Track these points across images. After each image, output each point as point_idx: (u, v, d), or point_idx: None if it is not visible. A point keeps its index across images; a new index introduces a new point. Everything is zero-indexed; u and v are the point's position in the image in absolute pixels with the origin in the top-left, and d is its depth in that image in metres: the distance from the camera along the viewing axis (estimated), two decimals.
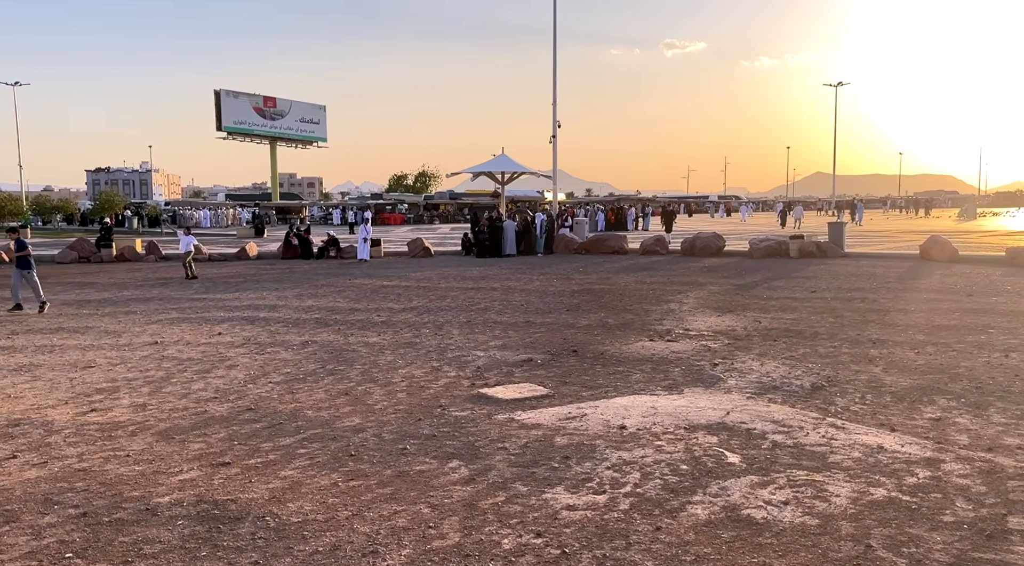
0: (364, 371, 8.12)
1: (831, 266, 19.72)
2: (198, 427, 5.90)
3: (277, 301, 14.33)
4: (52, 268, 22.50)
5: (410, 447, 5.41)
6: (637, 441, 5.59)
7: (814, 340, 9.74)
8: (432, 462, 5.09)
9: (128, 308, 13.38)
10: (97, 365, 8.40)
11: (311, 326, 11.29)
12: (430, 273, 19.61)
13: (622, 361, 8.62)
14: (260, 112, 73.23)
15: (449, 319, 11.86)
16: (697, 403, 6.73)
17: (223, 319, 12.00)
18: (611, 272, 19.27)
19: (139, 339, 10.11)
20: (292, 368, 8.29)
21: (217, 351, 9.25)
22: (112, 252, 25.29)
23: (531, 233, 26.50)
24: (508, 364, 8.50)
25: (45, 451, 5.24)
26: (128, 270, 21.59)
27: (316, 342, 9.90)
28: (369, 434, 5.73)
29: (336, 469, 4.90)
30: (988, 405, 6.56)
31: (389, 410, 6.47)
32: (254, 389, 7.26)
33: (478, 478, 4.77)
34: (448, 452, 5.29)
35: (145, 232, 46.22)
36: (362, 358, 8.83)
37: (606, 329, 10.81)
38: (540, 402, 6.77)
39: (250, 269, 21.59)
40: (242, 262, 24.48)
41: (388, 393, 7.11)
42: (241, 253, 25.74)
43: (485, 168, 42.80)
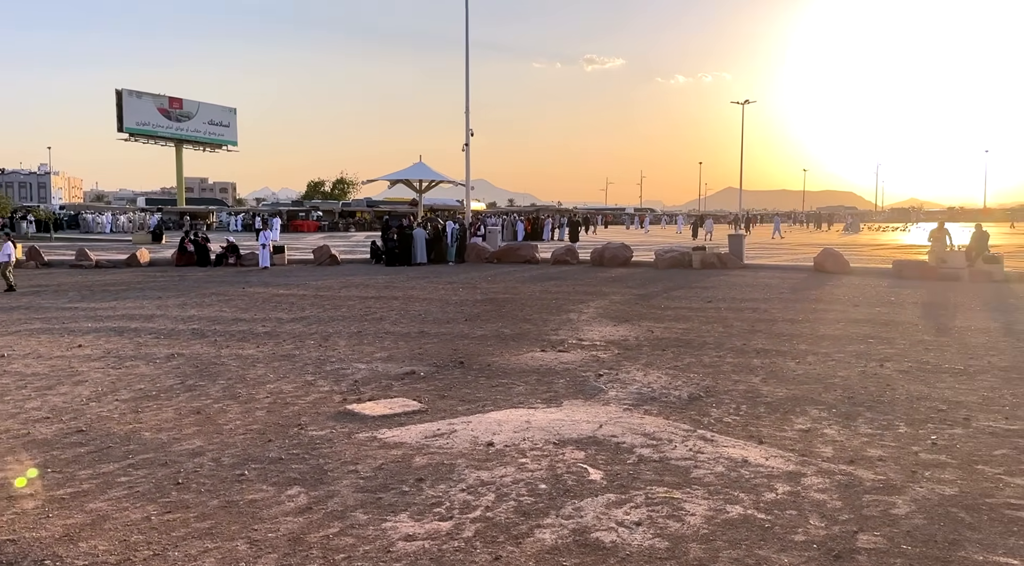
0: (227, 387, 7.56)
1: (730, 277, 20.15)
2: (12, 452, 5.26)
3: (156, 310, 13.46)
4: None
5: (249, 472, 4.95)
6: (501, 459, 5.31)
7: (701, 350, 9.75)
8: (269, 489, 4.65)
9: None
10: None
11: (185, 337, 10.57)
12: (332, 281, 18.95)
13: (508, 373, 8.36)
14: (165, 113, 70.11)
15: (339, 330, 11.35)
16: (573, 416, 6.52)
17: (89, 330, 11.11)
18: (518, 281, 19.10)
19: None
20: (147, 384, 7.64)
21: (69, 365, 8.48)
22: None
23: (442, 242, 26.12)
24: (389, 377, 8.10)
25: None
26: None
27: (184, 355, 9.23)
28: (207, 458, 5.23)
29: (155, 500, 4.40)
30: (857, 416, 6.61)
31: (240, 430, 5.97)
32: (95, 408, 6.61)
33: (316, 507, 4.37)
34: (290, 478, 4.87)
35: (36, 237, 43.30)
36: (229, 372, 8.25)
37: (500, 339, 10.55)
38: (410, 418, 6.41)
39: (137, 276, 20.36)
40: (131, 269, 23.10)
41: (246, 411, 6.60)
42: (131, 259, 24.31)
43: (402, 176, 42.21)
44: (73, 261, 24.15)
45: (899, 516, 4.32)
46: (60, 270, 22.57)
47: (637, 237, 49.64)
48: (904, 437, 5.95)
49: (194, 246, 24.78)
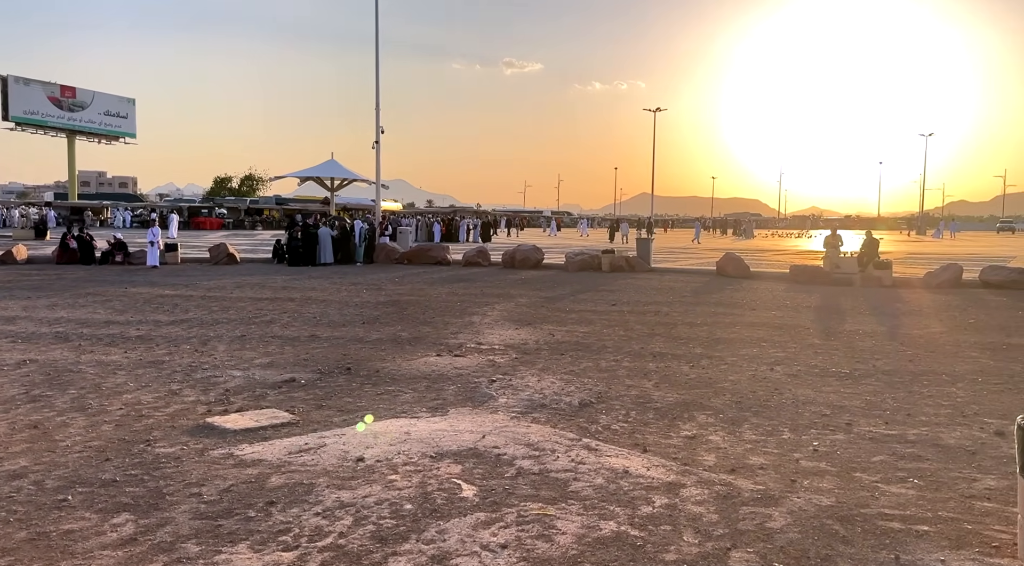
0: (77, 397, 6.83)
1: (637, 280, 20.32)
2: None
3: (21, 312, 12.32)
4: None
5: (74, 498, 4.36)
6: (368, 476, 4.90)
7: (599, 354, 9.59)
8: (92, 517, 4.09)
9: None
10: None
11: (45, 342, 9.65)
12: (226, 282, 17.98)
13: (397, 379, 7.94)
14: (56, 102, 65.90)
15: (221, 333, 10.63)
16: (457, 426, 6.17)
17: None
18: (426, 283, 18.65)
19: None
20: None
21: None
22: None
23: (350, 241, 25.35)
24: (265, 385, 7.54)
25: None
26: None
27: (37, 361, 8.37)
28: (28, 481, 4.60)
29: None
30: (743, 421, 6.54)
31: (77, 447, 5.33)
32: None
33: (142, 537, 3.85)
34: (121, 503, 4.31)
35: None
36: (84, 381, 7.49)
37: (396, 343, 10.11)
38: (276, 432, 5.91)
39: (10, 275, 18.77)
40: (4, 267, 21.32)
41: (91, 425, 5.94)
42: (6, 256, 22.46)
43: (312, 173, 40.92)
44: None
45: (774, 530, 4.17)
46: None
47: (550, 240, 49.96)
48: (787, 444, 5.89)
49: (77, 242, 23.13)
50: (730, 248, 31.40)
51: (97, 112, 69.16)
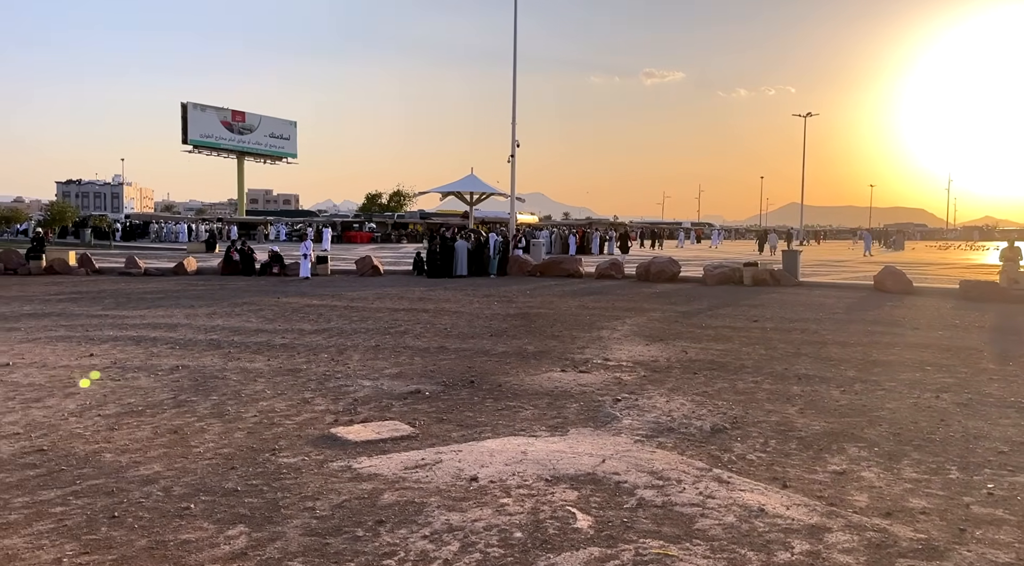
0: (218, 403, 7.18)
1: (782, 294, 19.10)
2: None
3: (184, 319, 13.33)
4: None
5: (196, 506, 4.49)
6: (480, 498, 4.72)
7: (736, 374, 8.96)
8: (209, 528, 4.17)
9: (13, 324, 12.31)
10: None
11: (199, 348, 10.32)
12: (368, 293, 18.69)
13: (519, 394, 7.77)
14: (228, 126, 72.13)
15: (357, 343, 10.95)
16: (576, 447, 5.89)
17: (108, 339, 10.99)
18: (557, 296, 18.49)
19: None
20: (138, 398, 7.33)
21: (68, 376, 8.26)
22: (41, 264, 24.06)
23: (484, 253, 25.70)
24: (391, 396, 7.61)
25: None
26: (49, 283, 20.42)
27: (189, 367, 8.94)
28: (158, 487, 4.80)
29: (79, 537, 3.97)
30: (902, 456, 5.79)
31: (208, 454, 5.54)
32: (72, 424, 6.30)
33: (252, 552, 3.86)
34: (238, 514, 4.38)
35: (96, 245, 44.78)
36: (227, 387, 7.89)
37: (521, 357, 9.97)
38: (395, 445, 5.88)
39: (179, 285, 20.51)
40: (176, 277, 23.37)
41: (225, 432, 6.18)
42: (178, 268, 24.62)
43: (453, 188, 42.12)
44: (122, 268, 24.60)
45: None
46: (108, 277, 22.99)
47: (687, 252, 48.46)
48: (955, 484, 5.12)
49: (239, 255, 24.97)
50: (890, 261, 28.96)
51: (263, 134, 75.07)
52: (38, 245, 25.43)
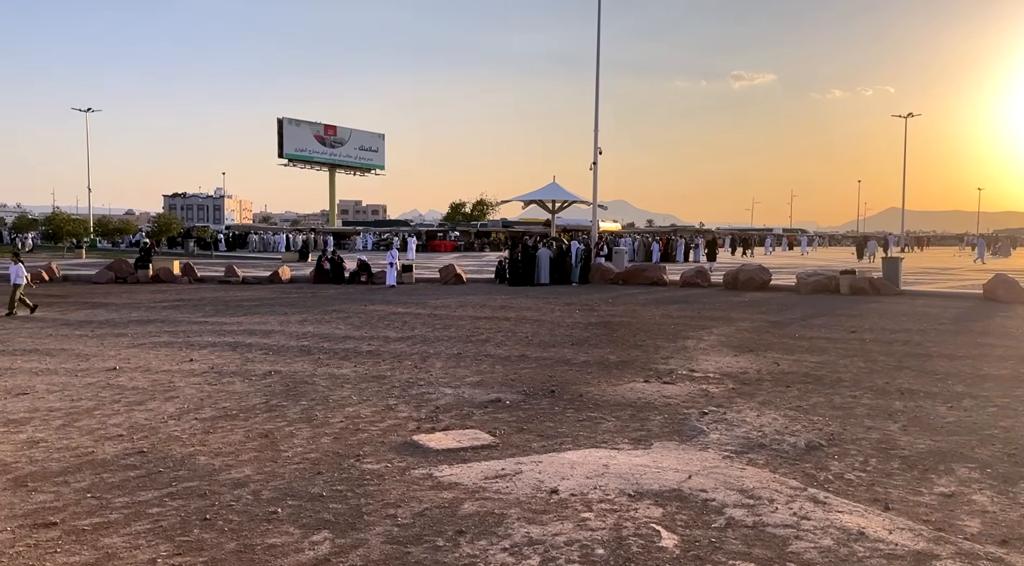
0: (307, 408, 7.37)
1: (882, 304, 18.13)
2: (66, 472, 5.23)
3: (277, 326, 13.82)
4: (85, 287, 22.79)
5: (283, 510, 4.58)
6: (561, 512, 4.63)
7: (833, 388, 8.53)
8: (295, 532, 4.24)
9: (121, 330, 13.07)
10: (33, 392, 7.91)
11: (291, 354, 10.66)
12: (451, 301, 18.90)
13: (600, 405, 7.63)
14: (321, 140, 74.83)
15: (440, 350, 11.06)
16: (661, 462, 5.71)
17: (207, 344, 11.51)
18: (640, 304, 18.19)
19: (101, 364, 9.64)
20: (233, 402, 7.61)
21: (170, 380, 8.67)
22: (148, 273, 25.53)
23: (565, 262, 25.59)
24: (472, 404, 7.62)
25: None
26: (155, 291, 21.63)
27: (281, 373, 9.23)
28: (247, 490, 4.94)
29: (172, 538, 4.12)
30: (1019, 479, 5.34)
31: (296, 459, 5.67)
32: (171, 427, 6.59)
33: (335, 559, 3.90)
34: (323, 519, 4.45)
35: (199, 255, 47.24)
36: (316, 392, 8.09)
37: (603, 367, 9.82)
38: (476, 454, 5.86)
39: (273, 293, 21.33)
40: (271, 286, 24.32)
41: (313, 437, 6.33)
42: (274, 276, 25.62)
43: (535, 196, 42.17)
44: (222, 277, 25.81)
45: None
46: (209, 285, 24.15)
47: (775, 259, 46.82)
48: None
49: (330, 264, 25.77)
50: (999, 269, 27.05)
51: (353, 147, 77.51)
52: (145, 255, 27.02)
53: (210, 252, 49.67)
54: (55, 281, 24.92)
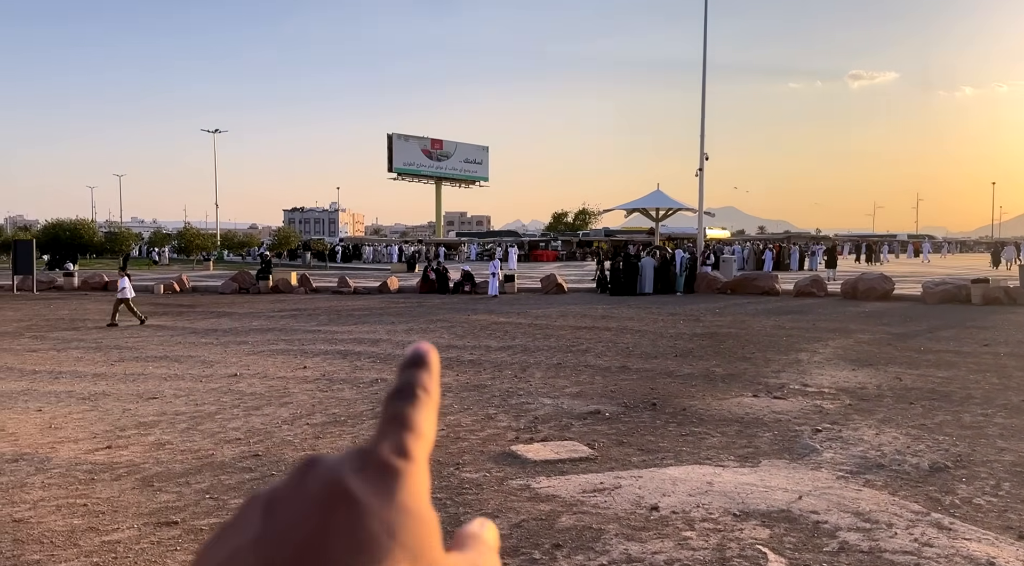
0: None
1: (1019, 315, 16.70)
2: (188, 474, 5.58)
3: (385, 335, 14.27)
4: (211, 298, 24.37)
5: None
6: (661, 529, 4.51)
7: (962, 405, 7.91)
8: None
9: (243, 338, 13.87)
10: (161, 396, 8.51)
11: (397, 363, 10.97)
12: (552, 310, 18.92)
13: (705, 420, 7.40)
14: (428, 154, 76.94)
15: (540, 360, 11.08)
16: (769, 480, 5.47)
17: (320, 352, 12.02)
18: (750, 315, 17.56)
19: (224, 371, 10.26)
20: (343, 408, 7.91)
21: (285, 386, 9.11)
22: (268, 284, 27.01)
23: (670, 270, 25.09)
24: (571, 415, 7.58)
25: (10, 494, 5.10)
26: (273, 301, 22.84)
27: (387, 381, 9.51)
28: None
29: None
30: None
31: None
32: (285, 431, 6.92)
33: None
34: None
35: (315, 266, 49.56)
36: None
37: (708, 380, 9.54)
38: (574, 466, 5.82)
39: (382, 303, 22.06)
40: (380, 295, 25.17)
41: None
42: (383, 287, 26.51)
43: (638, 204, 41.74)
44: (335, 287, 26.95)
45: None
46: (323, 296, 25.27)
47: (897, 267, 44.07)
48: None
49: (435, 275, 26.41)
50: None
51: (459, 160, 79.24)
52: (266, 267, 28.62)
53: (325, 263, 52.03)
54: (185, 292, 26.78)
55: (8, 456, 6.03)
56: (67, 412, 7.69)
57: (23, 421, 7.26)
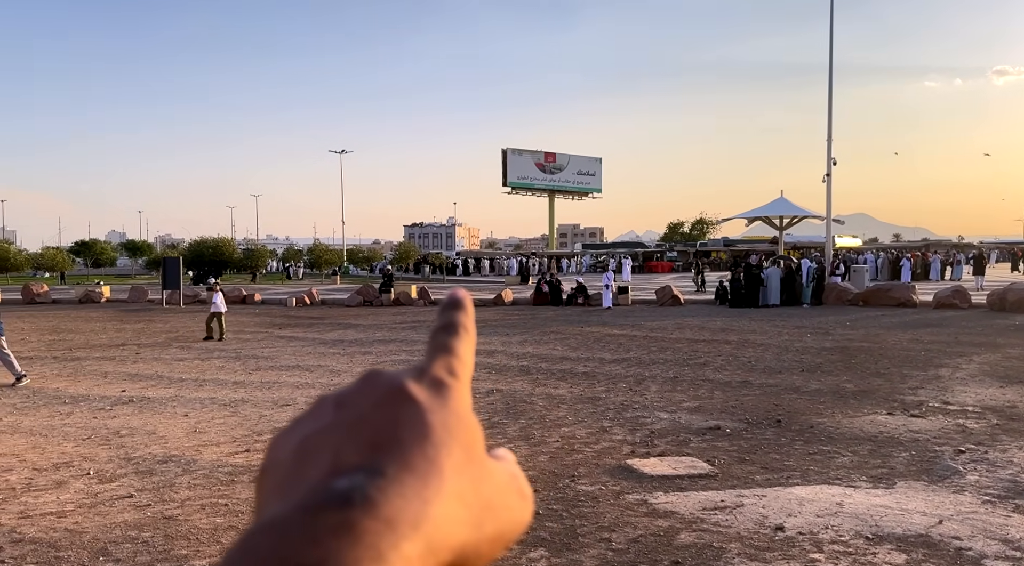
0: (525, 427, 7.63)
1: None
2: None
3: (499, 346, 14.49)
4: (338, 310, 25.59)
5: None
6: (786, 550, 4.33)
7: None
8: (513, 547, 4.39)
9: (367, 349, 14.48)
10: (294, 404, 9.02)
11: (512, 374, 11.12)
12: (667, 323, 18.56)
13: (834, 438, 7.04)
14: (541, 167, 77.63)
15: (655, 374, 10.90)
16: (905, 503, 5.14)
17: None
18: (884, 328, 16.53)
19: (350, 380, 10.72)
20: None
21: None
22: (391, 297, 28.07)
23: (795, 281, 24.02)
24: (689, 431, 7.41)
25: (161, 493, 5.55)
26: (396, 313, 23.70)
27: (502, 391, 9.66)
28: None
29: None
30: None
31: None
32: None
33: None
34: (539, 537, 4.56)
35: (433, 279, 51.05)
36: (533, 411, 8.35)
37: (838, 396, 9.06)
38: (693, 483, 5.68)
39: (497, 314, 22.40)
40: (495, 308, 25.57)
41: (531, 454, 6.53)
42: (497, 299, 26.93)
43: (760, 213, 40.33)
44: None
45: None
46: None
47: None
48: None
49: (548, 287, 26.55)
50: None
51: (572, 172, 79.46)
52: (387, 280, 29.77)
53: (442, 277, 53.48)
54: (315, 304, 28.28)
55: (159, 457, 6.58)
56: (210, 417, 8.31)
57: (172, 425, 7.91)
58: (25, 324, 20.69)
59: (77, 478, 5.93)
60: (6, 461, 6.48)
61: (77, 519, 4.93)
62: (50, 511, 5.09)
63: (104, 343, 15.08)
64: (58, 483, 5.80)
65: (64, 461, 6.46)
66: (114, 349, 14.69)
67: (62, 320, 21.88)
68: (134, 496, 5.43)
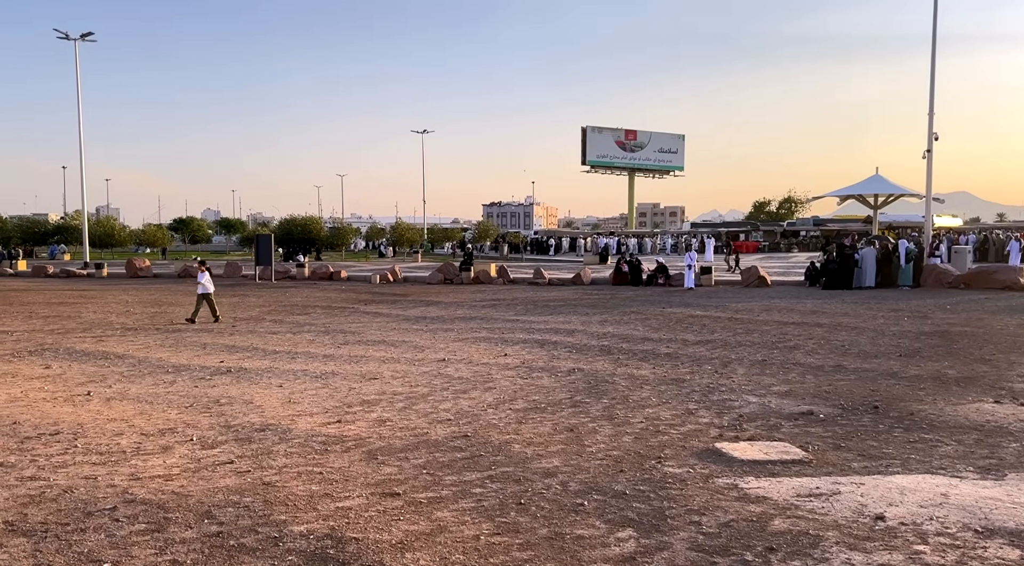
0: (608, 406, 7.57)
1: None
2: (407, 449, 6.00)
3: (580, 326, 14.43)
4: (420, 287, 26.05)
5: (589, 503, 4.75)
6: (888, 541, 4.15)
7: None
8: (601, 527, 4.37)
9: (449, 326, 14.68)
10: (380, 377, 9.23)
11: (592, 353, 11.05)
12: (754, 304, 18.03)
13: (937, 426, 6.69)
14: (621, 145, 76.48)
15: (742, 356, 10.62)
16: (1017, 496, 4.84)
17: (518, 341, 12.41)
18: (988, 312, 15.59)
19: (434, 355, 10.92)
20: (541, 396, 8.11)
21: (488, 372, 9.52)
22: (470, 275, 28.35)
23: (892, 263, 22.88)
24: (780, 415, 7.19)
25: (259, 460, 5.76)
26: (475, 291, 23.93)
27: (584, 370, 9.61)
28: (556, 480, 5.20)
29: (492, 518, 4.49)
30: None
31: (599, 455, 5.85)
32: (490, 415, 7.22)
33: (640, 558, 3.94)
34: (627, 517, 4.52)
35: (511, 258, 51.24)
36: (616, 391, 8.28)
37: (939, 382, 8.61)
38: (786, 469, 5.50)
39: (576, 294, 22.29)
40: (574, 287, 25.46)
41: (615, 434, 6.47)
42: (576, 278, 26.80)
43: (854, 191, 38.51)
44: (531, 279, 27.69)
45: None
46: (520, 286, 26.06)
47: None
48: None
49: (628, 267, 26.22)
50: None
51: (653, 150, 77.98)
52: (467, 259, 30.06)
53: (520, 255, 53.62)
54: (397, 282, 28.87)
55: (257, 426, 6.87)
56: (303, 388, 8.61)
57: (267, 395, 8.24)
58: (129, 297, 21.97)
59: (181, 444, 6.25)
60: (116, 426, 6.90)
61: (183, 483, 5.20)
62: (158, 474, 5.39)
63: (201, 316, 15.82)
64: (164, 448, 6.13)
65: (169, 427, 6.82)
66: (211, 322, 15.41)
67: (163, 294, 23.11)
68: (234, 462, 5.69)
